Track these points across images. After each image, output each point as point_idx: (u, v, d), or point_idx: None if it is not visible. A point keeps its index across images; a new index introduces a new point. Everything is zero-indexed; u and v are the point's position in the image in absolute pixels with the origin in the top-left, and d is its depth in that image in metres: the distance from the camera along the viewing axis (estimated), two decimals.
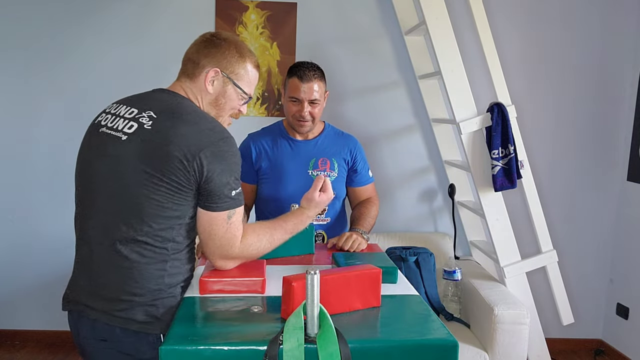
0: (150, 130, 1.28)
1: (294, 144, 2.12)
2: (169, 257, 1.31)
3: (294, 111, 2.04)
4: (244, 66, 1.45)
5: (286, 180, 2.08)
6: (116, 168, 1.29)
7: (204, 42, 1.43)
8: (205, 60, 1.41)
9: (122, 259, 1.27)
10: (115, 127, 1.33)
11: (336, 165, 2.12)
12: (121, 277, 1.28)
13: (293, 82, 2.02)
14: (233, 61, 1.43)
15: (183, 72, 1.44)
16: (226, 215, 1.32)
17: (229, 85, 1.43)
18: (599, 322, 3.20)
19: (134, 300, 1.28)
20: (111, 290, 1.29)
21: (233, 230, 1.34)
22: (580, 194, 3.11)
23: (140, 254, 1.27)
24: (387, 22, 2.95)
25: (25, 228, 2.99)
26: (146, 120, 1.30)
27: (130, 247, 1.27)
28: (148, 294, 1.29)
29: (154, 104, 1.35)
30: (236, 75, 1.44)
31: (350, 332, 1.15)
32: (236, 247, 1.37)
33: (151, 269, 1.29)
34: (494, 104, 2.54)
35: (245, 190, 2.15)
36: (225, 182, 1.29)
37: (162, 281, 1.30)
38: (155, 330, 1.30)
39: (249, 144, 2.14)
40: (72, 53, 2.89)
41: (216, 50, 1.41)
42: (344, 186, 2.18)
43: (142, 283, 1.28)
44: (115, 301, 1.29)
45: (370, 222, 2.10)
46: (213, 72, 1.40)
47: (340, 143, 2.17)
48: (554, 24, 2.99)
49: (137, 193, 1.26)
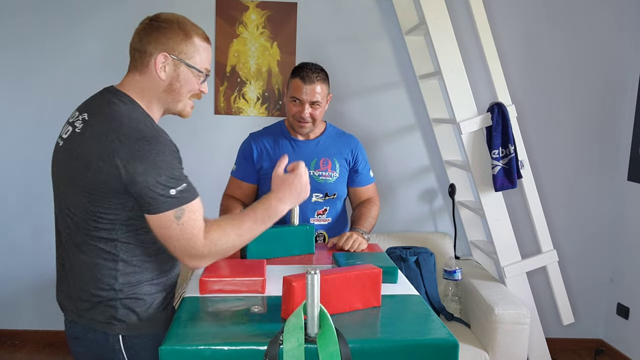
0: (78, 134, 1.27)
1: (296, 144, 2.12)
2: (118, 257, 1.27)
3: (294, 112, 2.04)
4: (192, 42, 1.35)
5: None
6: (60, 174, 1.33)
7: (145, 29, 1.34)
8: (151, 46, 1.32)
9: (81, 259, 1.29)
10: (61, 133, 1.35)
11: (337, 166, 2.12)
12: (82, 277, 1.30)
13: (295, 82, 2.02)
14: (179, 40, 1.33)
15: (132, 65, 1.37)
16: (173, 216, 1.22)
17: (180, 67, 1.34)
18: (600, 322, 3.20)
19: (92, 300, 1.29)
20: (76, 289, 1.32)
21: (188, 229, 1.24)
22: (581, 193, 3.11)
23: (91, 255, 1.28)
24: (387, 22, 2.96)
25: (26, 228, 2.99)
26: (79, 124, 1.28)
27: (84, 248, 1.28)
28: (104, 294, 1.28)
29: (91, 106, 1.32)
30: (186, 55, 1.34)
31: (351, 332, 1.15)
32: (199, 245, 1.26)
33: (103, 269, 1.28)
34: (494, 104, 2.54)
35: (246, 190, 2.15)
36: (153, 182, 1.20)
37: (116, 281, 1.28)
38: (114, 331, 1.28)
39: (250, 144, 2.14)
40: (72, 54, 2.89)
41: (158, 33, 1.32)
42: (345, 186, 2.18)
43: (97, 283, 1.28)
44: (80, 301, 1.31)
45: (371, 222, 2.10)
46: (162, 57, 1.32)
47: (341, 143, 2.17)
48: (554, 24, 2.98)
49: (70, 200, 1.28)
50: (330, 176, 2.11)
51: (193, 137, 2.95)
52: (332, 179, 2.11)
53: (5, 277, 3.00)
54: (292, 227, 1.79)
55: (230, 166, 2.22)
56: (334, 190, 2.12)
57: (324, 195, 2.10)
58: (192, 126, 2.96)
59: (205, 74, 1.39)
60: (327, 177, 2.10)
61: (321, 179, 2.09)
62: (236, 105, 2.97)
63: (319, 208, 2.11)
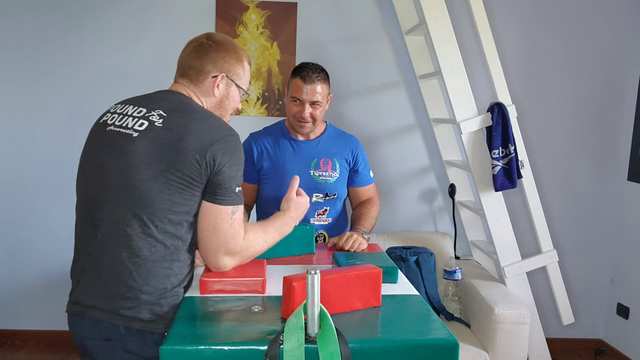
0: (161, 127, 1.32)
1: (296, 144, 2.12)
2: (175, 256, 1.33)
3: (294, 111, 2.04)
4: (242, 65, 1.51)
5: (287, 180, 2.07)
6: (128, 165, 1.30)
7: (202, 48, 1.46)
8: (210, 66, 1.45)
9: (133, 255, 1.28)
10: (125, 125, 1.35)
11: (337, 166, 2.12)
12: (129, 274, 1.29)
13: (296, 82, 2.02)
14: (233, 63, 1.48)
15: (184, 76, 1.47)
16: (230, 211, 1.35)
17: (232, 87, 1.50)
18: (600, 322, 3.20)
19: (141, 298, 1.29)
20: (118, 287, 1.30)
21: (236, 226, 1.37)
22: (581, 193, 3.11)
23: (150, 251, 1.29)
24: (387, 22, 2.96)
25: (26, 228, 2.99)
26: (156, 118, 1.35)
27: (141, 243, 1.28)
28: (154, 292, 1.30)
29: (162, 103, 1.39)
30: (237, 76, 1.50)
31: (351, 332, 1.15)
32: (239, 243, 1.39)
33: (159, 267, 1.30)
34: (494, 104, 2.54)
35: (246, 189, 2.15)
36: (233, 175, 1.34)
37: (169, 280, 1.32)
38: (159, 329, 1.31)
39: (250, 144, 2.14)
40: (73, 54, 2.89)
41: (217, 54, 1.46)
42: (345, 186, 2.18)
43: (149, 280, 1.29)
44: (121, 299, 1.29)
45: (371, 222, 2.10)
46: (220, 77, 1.46)
47: (341, 143, 2.17)
48: (554, 24, 2.99)
49: (149, 188, 1.28)
50: (331, 176, 2.11)
51: None
52: (333, 179, 2.11)
53: (6, 277, 3.00)
54: None
55: None
56: (334, 191, 2.12)
57: (324, 196, 2.10)
58: None
59: (248, 93, 1.58)
60: (327, 177, 2.10)
61: (321, 179, 2.09)
62: None
63: (319, 208, 2.11)
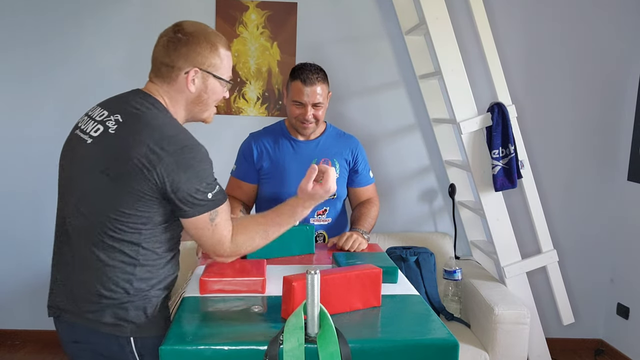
0: (114, 135, 1.26)
1: (296, 144, 2.12)
2: (138, 262, 1.28)
3: (297, 114, 2.03)
4: (217, 54, 1.39)
5: (288, 181, 2.08)
6: (78, 171, 1.30)
7: (172, 42, 1.36)
8: (181, 62, 1.35)
9: (94, 260, 1.27)
10: (85, 130, 1.32)
11: (337, 166, 2.12)
12: (92, 278, 1.28)
13: (296, 85, 2.01)
14: (206, 54, 1.37)
15: (157, 75, 1.38)
16: (208, 218, 1.30)
17: (209, 79, 1.39)
18: (600, 322, 3.20)
19: (102, 302, 1.27)
20: (83, 291, 1.30)
21: (220, 231, 1.32)
22: (581, 193, 3.10)
23: (108, 256, 1.26)
24: (387, 22, 2.95)
25: (26, 228, 2.99)
26: (112, 124, 1.28)
27: (100, 248, 1.26)
28: (117, 297, 1.27)
29: (124, 107, 1.32)
30: (214, 67, 1.39)
31: (351, 332, 1.15)
32: (226, 247, 1.35)
33: (118, 272, 1.27)
34: (494, 104, 2.54)
35: (246, 190, 2.15)
36: (194, 189, 1.25)
37: (131, 285, 1.28)
38: (124, 333, 1.28)
39: (250, 144, 2.14)
40: (73, 54, 2.89)
41: (187, 49, 1.35)
42: (345, 187, 2.18)
43: (109, 285, 1.27)
44: (86, 302, 1.29)
45: (371, 222, 2.10)
46: (193, 72, 1.35)
47: (341, 144, 2.17)
48: (554, 24, 2.98)
49: (101, 198, 1.25)
50: None
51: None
52: None
53: (5, 277, 3.00)
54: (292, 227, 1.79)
55: (230, 166, 2.22)
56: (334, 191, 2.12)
57: None
58: (192, 126, 2.95)
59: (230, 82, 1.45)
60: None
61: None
62: (236, 105, 2.97)
63: (318, 208, 2.11)
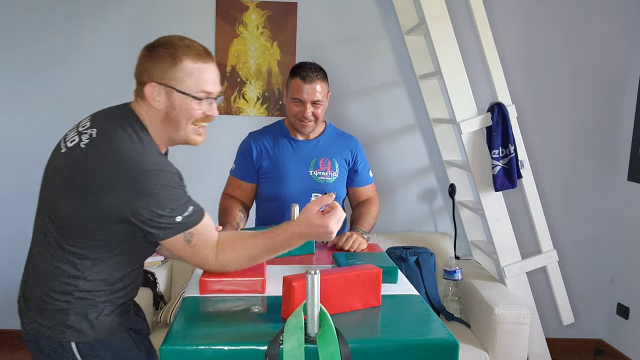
0: (82, 149, 1.23)
1: (295, 144, 2.12)
2: (81, 276, 1.26)
3: (296, 112, 2.04)
4: (181, 67, 1.25)
5: (287, 180, 2.08)
6: (50, 178, 1.30)
7: (141, 57, 1.30)
8: (144, 76, 1.27)
9: (47, 263, 1.28)
10: (66, 138, 1.31)
11: (337, 166, 2.12)
12: (38, 281, 1.31)
13: (296, 83, 2.01)
14: (166, 67, 1.25)
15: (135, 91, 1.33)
16: (182, 239, 1.25)
17: (173, 94, 1.26)
18: (600, 322, 3.20)
19: (42, 305, 1.29)
20: (31, 292, 1.33)
21: (200, 250, 1.27)
22: (581, 193, 3.10)
23: (58, 262, 1.27)
24: (387, 22, 2.95)
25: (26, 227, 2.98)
26: (86, 138, 1.25)
27: (54, 253, 1.27)
28: (56, 302, 1.27)
29: (103, 121, 1.28)
30: (176, 81, 1.26)
31: (351, 332, 1.15)
32: (211, 265, 1.31)
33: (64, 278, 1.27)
34: (494, 104, 2.54)
35: (245, 189, 2.15)
36: (156, 214, 1.20)
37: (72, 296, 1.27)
38: (65, 338, 1.27)
39: (249, 143, 2.14)
40: (72, 53, 2.89)
41: (149, 62, 1.27)
42: (344, 186, 2.18)
43: (52, 289, 1.28)
44: (31, 304, 1.32)
45: (371, 222, 2.10)
46: (150, 88, 1.26)
47: (341, 143, 2.17)
48: (554, 23, 2.98)
49: (57, 205, 1.25)
50: (330, 176, 2.11)
51: None
52: (332, 179, 2.11)
53: (6, 276, 3.00)
54: None
55: (230, 166, 2.22)
56: (333, 191, 2.12)
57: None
58: None
59: (206, 97, 1.29)
60: (327, 177, 2.10)
61: (320, 179, 2.09)
62: (236, 105, 2.97)
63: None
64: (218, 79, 1.34)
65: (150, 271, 2.58)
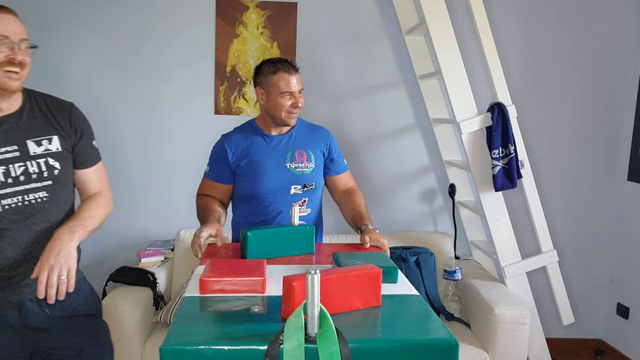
0: None
1: (269, 140, 2.13)
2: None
3: (288, 105, 2.05)
4: None
5: (265, 176, 2.08)
6: None
7: None
8: None
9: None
10: None
11: (313, 157, 2.13)
12: None
13: (282, 77, 2.02)
14: None
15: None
16: None
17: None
18: (600, 322, 3.20)
19: None
20: None
21: None
22: (581, 194, 3.11)
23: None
24: (387, 22, 2.96)
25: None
26: None
27: None
28: None
29: None
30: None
31: (351, 332, 1.15)
32: None
33: None
34: (494, 104, 2.54)
35: (220, 190, 2.12)
36: None
37: None
38: None
39: (223, 145, 2.12)
40: (72, 53, 2.89)
41: None
42: (322, 176, 2.18)
43: None
44: None
45: (367, 213, 2.11)
46: None
47: (314, 135, 2.19)
48: (553, 23, 2.99)
49: None
50: (307, 167, 2.11)
51: (193, 137, 2.95)
52: (309, 170, 2.11)
53: None
54: (292, 227, 1.79)
55: None
56: (312, 181, 2.12)
57: (302, 187, 2.10)
58: (192, 126, 2.96)
59: (6, 41, 1.43)
60: (304, 168, 2.11)
61: (298, 170, 2.09)
62: (236, 105, 2.97)
63: (298, 199, 2.10)
64: (18, 29, 1.48)
65: (150, 271, 2.58)
